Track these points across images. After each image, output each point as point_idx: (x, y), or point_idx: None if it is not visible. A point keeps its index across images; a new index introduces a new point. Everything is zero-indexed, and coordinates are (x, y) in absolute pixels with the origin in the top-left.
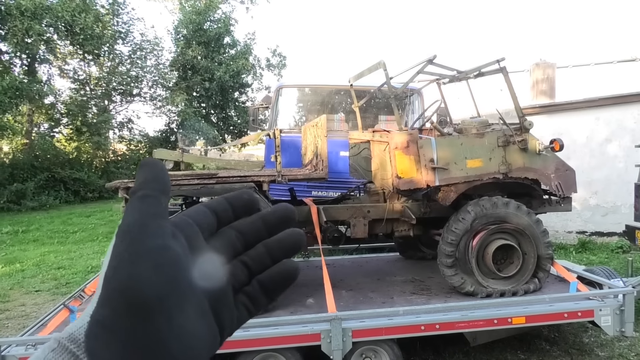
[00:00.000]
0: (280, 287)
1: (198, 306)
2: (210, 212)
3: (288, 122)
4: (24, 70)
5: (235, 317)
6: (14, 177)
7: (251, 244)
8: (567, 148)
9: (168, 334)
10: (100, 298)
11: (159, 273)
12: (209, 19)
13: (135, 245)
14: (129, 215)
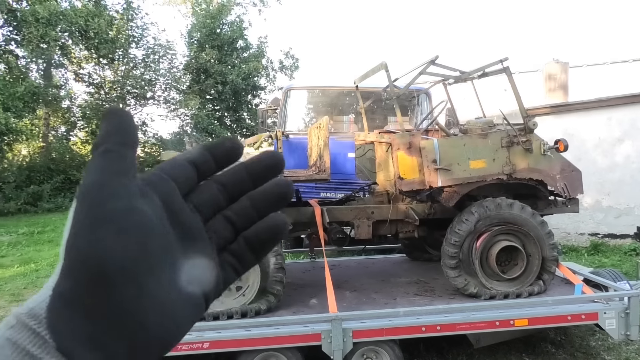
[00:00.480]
0: (268, 243)
1: (175, 272)
2: (188, 164)
3: (297, 124)
4: (40, 75)
5: (222, 279)
6: (31, 180)
7: (235, 197)
8: (578, 149)
9: (137, 304)
10: (61, 269)
11: (123, 238)
12: (222, 22)
13: (96, 209)
14: (89, 175)
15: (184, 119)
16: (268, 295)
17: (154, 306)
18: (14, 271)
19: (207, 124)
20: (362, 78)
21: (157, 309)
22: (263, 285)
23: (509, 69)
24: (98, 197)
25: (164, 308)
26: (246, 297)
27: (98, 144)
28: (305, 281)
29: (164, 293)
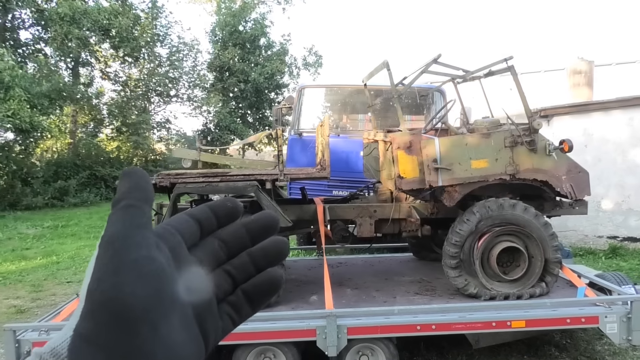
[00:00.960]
0: (265, 296)
1: (183, 317)
2: (193, 220)
3: (311, 122)
4: (68, 73)
5: (220, 327)
6: (58, 175)
7: (235, 252)
8: (599, 149)
9: (153, 345)
10: (83, 311)
11: (143, 284)
12: (244, 20)
13: (119, 256)
14: (112, 226)
15: (207, 116)
16: None
17: (167, 347)
18: (36, 263)
19: (229, 122)
20: (369, 77)
21: (169, 351)
22: None
23: (514, 68)
24: (121, 246)
25: (175, 350)
26: None
27: (119, 200)
28: (310, 278)
29: (175, 335)
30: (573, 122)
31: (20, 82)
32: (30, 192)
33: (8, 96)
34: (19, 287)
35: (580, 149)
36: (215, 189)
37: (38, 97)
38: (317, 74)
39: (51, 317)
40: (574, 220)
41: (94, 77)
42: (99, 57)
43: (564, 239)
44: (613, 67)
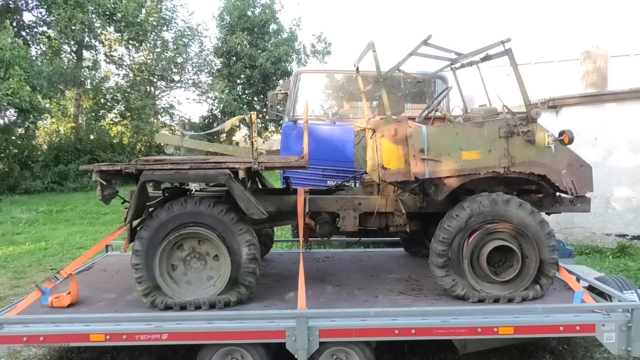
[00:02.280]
0: None
1: None
2: None
3: (313, 108)
4: (71, 56)
5: None
6: (59, 159)
7: None
8: (610, 143)
9: None
10: None
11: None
12: (253, 4)
13: None
14: None
15: (212, 103)
16: (239, 287)
17: None
18: (24, 249)
19: (234, 108)
20: (358, 60)
21: None
22: (234, 276)
23: (511, 51)
24: None
25: None
26: (216, 287)
27: None
28: (292, 273)
29: None
30: (583, 114)
31: (19, 62)
32: (29, 175)
33: (8, 75)
34: (1, 274)
35: (591, 142)
36: (184, 177)
37: (37, 78)
38: (324, 61)
39: (6, 311)
40: (580, 216)
41: (98, 61)
42: (103, 40)
43: (570, 237)
44: (630, 57)
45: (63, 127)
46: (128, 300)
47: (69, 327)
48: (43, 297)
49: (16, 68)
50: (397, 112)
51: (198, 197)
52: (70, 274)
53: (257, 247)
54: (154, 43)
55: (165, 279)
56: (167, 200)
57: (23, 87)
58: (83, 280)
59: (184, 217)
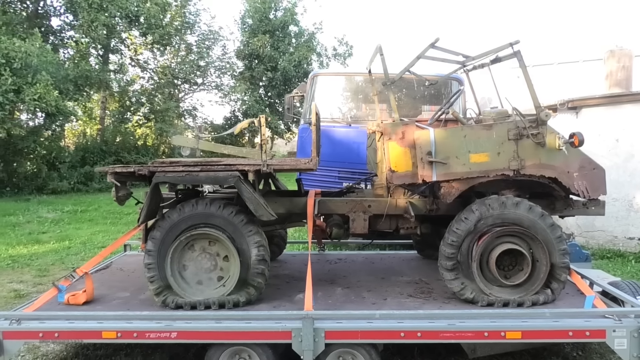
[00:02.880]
0: None
1: None
2: None
3: (324, 111)
4: (98, 60)
5: None
6: (85, 160)
7: None
8: (632, 145)
9: None
10: None
11: None
12: (274, 7)
13: None
14: None
15: (235, 105)
16: (249, 287)
17: None
18: (49, 247)
19: (256, 110)
20: (369, 63)
21: None
22: (243, 276)
23: (520, 53)
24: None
25: None
26: (226, 287)
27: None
28: (303, 274)
29: None
30: (604, 115)
31: (47, 67)
32: (57, 176)
33: (35, 80)
34: (25, 271)
35: (612, 144)
36: (195, 179)
37: (64, 82)
38: (346, 64)
39: (25, 307)
40: (602, 220)
41: (124, 64)
42: (128, 44)
43: (591, 240)
44: None
45: (90, 129)
46: (141, 299)
47: (83, 324)
48: (59, 294)
49: (43, 73)
50: (414, 113)
51: (209, 198)
52: (85, 273)
53: (267, 248)
54: (178, 47)
55: (177, 279)
56: (180, 202)
57: (50, 91)
58: (100, 278)
59: (195, 218)
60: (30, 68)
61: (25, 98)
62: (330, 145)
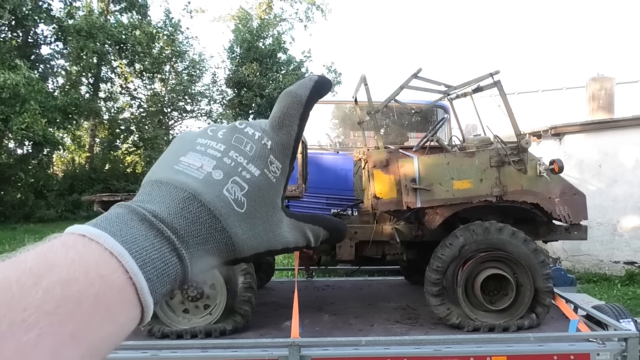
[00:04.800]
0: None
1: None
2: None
3: (312, 139)
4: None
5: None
6: (73, 188)
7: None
8: (615, 170)
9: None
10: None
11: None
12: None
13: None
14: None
15: None
16: (235, 315)
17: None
18: None
19: None
20: (355, 92)
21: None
22: (230, 304)
23: (500, 83)
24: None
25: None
26: (212, 316)
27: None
28: (291, 301)
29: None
30: (587, 141)
31: (35, 96)
32: (44, 204)
33: (23, 109)
34: None
35: (595, 169)
36: None
37: (52, 112)
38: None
39: None
40: (587, 244)
41: (115, 93)
42: (119, 72)
43: (577, 264)
44: (639, 84)
45: (78, 157)
46: None
47: None
48: None
49: (31, 103)
50: (401, 140)
51: None
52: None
53: (253, 275)
54: (168, 75)
55: (163, 307)
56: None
57: (37, 120)
58: None
59: None
60: (18, 97)
61: (13, 127)
62: (318, 173)
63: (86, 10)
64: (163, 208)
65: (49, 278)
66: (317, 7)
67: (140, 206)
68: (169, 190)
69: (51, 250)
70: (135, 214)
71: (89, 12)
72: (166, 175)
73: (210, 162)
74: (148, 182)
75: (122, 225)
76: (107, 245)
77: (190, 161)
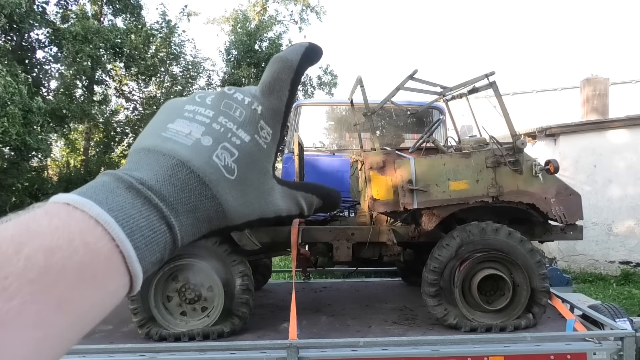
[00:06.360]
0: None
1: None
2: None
3: (307, 140)
4: (83, 91)
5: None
6: (68, 191)
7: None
8: (609, 170)
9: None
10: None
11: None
12: (259, 40)
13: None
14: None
15: None
16: (233, 318)
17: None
18: None
19: None
20: (351, 93)
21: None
22: (228, 306)
23: (496, 84)
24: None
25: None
26: (210, 318)
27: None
28: (288, 303)
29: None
30: (581, 142)
31: (15, 99)
32: None
33: (3, 113)
34: None
35: (590, 169)
36: None
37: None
38: (331, 93)
39: None
40: (582, 244)
41: (108, 95)
42: (113, 75)
43: (573, 264)
44: (633, 85)
45: (73, 160)
46: (124, 331)
47: (64, 358)
48: None
49: (11, 107)
50: (397, 142)
51: None
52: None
53: (251, 277)
54: (163, 77)
55: (160, 310)
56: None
57: (15, 125)
58: None
59: (180, 248)
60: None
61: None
62: (315, 175)
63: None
64: (151, 175)
65: (31, 246)
66: (311, 10)
67: (127, 174)
68: (157, 158)
69: (34, 219)
70: (122, 181)
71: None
72: (154, 142)
73: (199, 128)
74: (135, 150)
75: (108, 193)
76: (92, 213)
77: (178, 128)
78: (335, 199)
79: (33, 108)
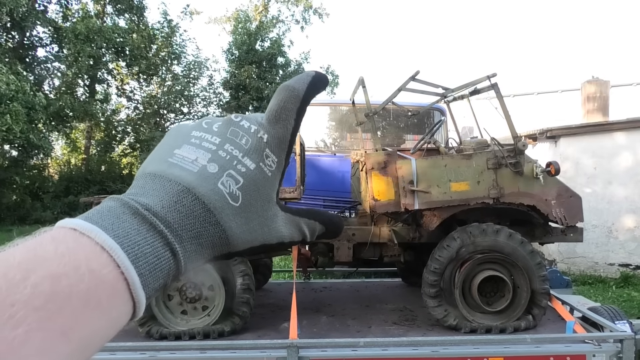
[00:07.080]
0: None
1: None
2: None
3: (314, 140)
4: (84, 90)
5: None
6: (69, 190)
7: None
8: (609, 172)
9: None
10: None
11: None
12: (261, 39)
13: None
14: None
15: None
16: (233, 317)
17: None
18: None
19: None
20: (353, 94)
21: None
22: (228, 306)
23: (497, 86)
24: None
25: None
26: (211, 317)
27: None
28: (288, 303)
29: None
30: (582, 144)
31: (17, 97)
32: (40, 206)
33: (6, 110)
34: None
35: (590, 172)
36: None
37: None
38: (333, 93)
39: None
40: (582, 246)
41: (110, 95)
42: (115, 74)
43: (573, 266)
44: (633, 87)
45: (74, 159)
46: (125, 329)
47: None
48: None
49: (15, 104)
50: (398, 143)
51: None
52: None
53: (252, 277)
54: (164, 77)
55: (161, 309)
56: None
57: (18, 122)
58: None
59: None
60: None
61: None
62: (316, 174)
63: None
64: (156, 201)
65: (38, 273)
66: (314, 12)
67: (133, 199)
68: (163, 183)
69: (41, 245)
70: (128, 207)
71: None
72: (160, 168)
73: (205, 155)
74: (141, 174)
75: (114, 218)
76: (99, 240)
77: (185, 154)
78: (338, 225)
79: (36, 106)
